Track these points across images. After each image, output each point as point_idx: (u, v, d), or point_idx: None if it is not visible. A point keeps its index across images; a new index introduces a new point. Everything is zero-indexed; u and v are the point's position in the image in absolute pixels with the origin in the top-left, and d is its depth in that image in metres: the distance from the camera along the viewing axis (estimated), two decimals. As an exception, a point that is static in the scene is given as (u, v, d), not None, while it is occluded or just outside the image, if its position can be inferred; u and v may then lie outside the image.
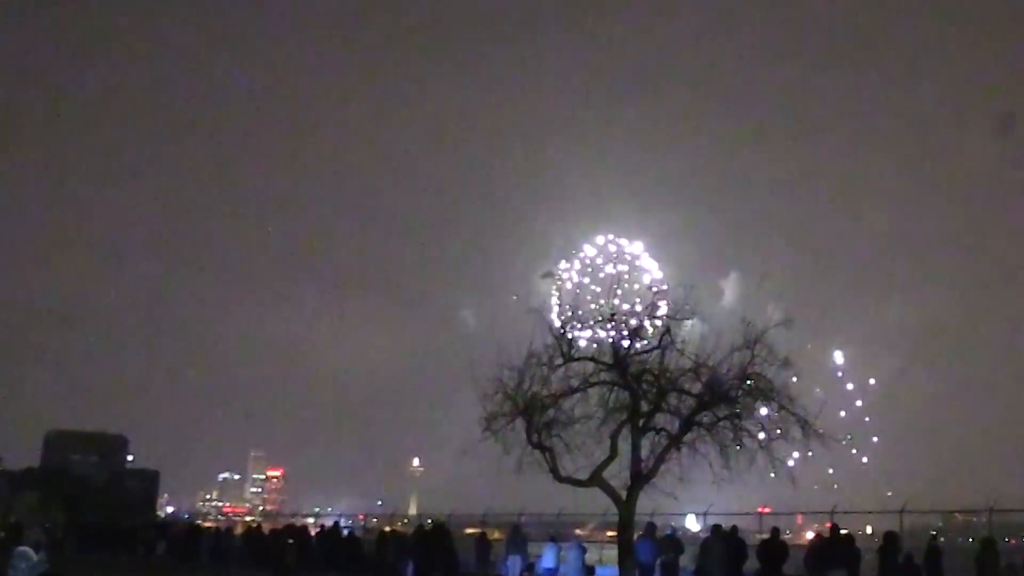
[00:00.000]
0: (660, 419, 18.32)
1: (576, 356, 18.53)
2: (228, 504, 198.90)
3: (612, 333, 18.45)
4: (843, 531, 21.10)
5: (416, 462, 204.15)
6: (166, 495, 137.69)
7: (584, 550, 25.56)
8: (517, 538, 27.43)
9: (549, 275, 18.97)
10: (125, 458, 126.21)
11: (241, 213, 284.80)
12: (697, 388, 18.18)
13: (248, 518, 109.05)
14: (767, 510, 28.50)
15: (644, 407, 18.31)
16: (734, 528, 23.01)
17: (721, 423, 17.84)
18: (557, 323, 18.52)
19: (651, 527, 23.07)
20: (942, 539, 22.74)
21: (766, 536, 21.56)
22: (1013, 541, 28.75)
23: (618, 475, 18.31)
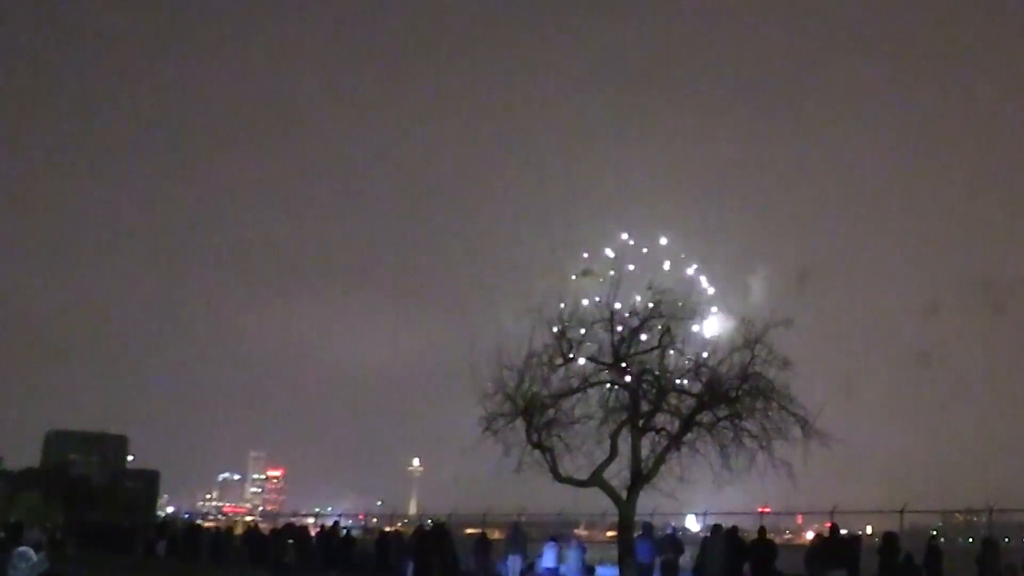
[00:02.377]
0: (660, 419, 18.31)
1: (576, 356, 18.51)
2: (228, 504, 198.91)
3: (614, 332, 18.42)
4: (843, 531, 21.11)
5: (416, 462, 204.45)
6: (166, 495, 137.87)
7: (584, 550, 25.56)
8: (517, 538, 27.42)
9: (588, 273, 18.77)
10: (125, 458, 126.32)
11: (243, 213, 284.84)
12: (697, 388, 18.17)
13: (248, 518, 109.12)
14: (767, 510, 28.48)
15: (644, 407, 18.30)
16: (734, 528, 23.01)
17: (721, 423, 17.84)
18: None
19: (648, 527, 23.06)
20: (942, 539, 22.74)
21: (755, 537, 21.56)
22: (1013, 541, 28.74)
23: (618, 475, 18.30)
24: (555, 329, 18.34)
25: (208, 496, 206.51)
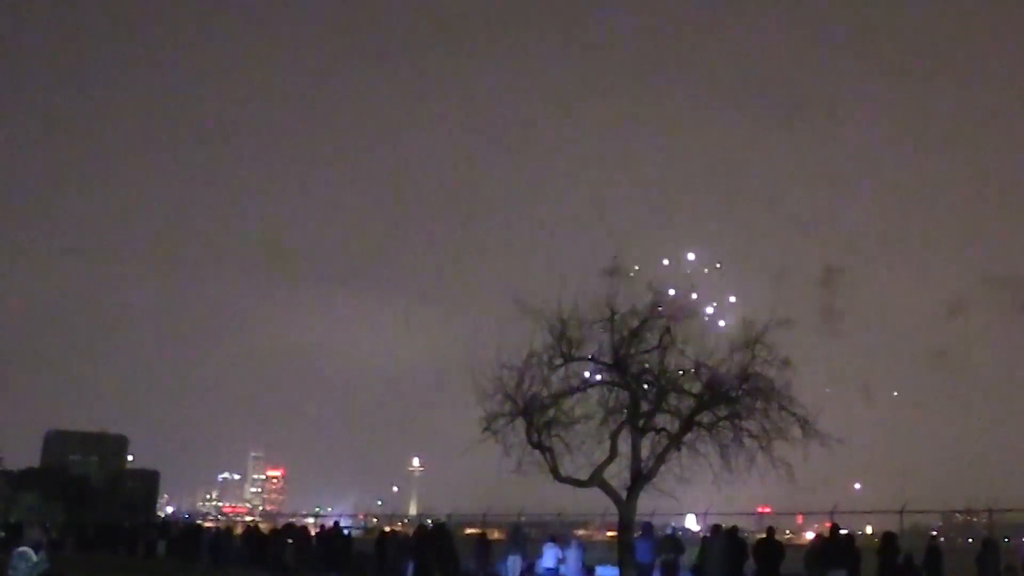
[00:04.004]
0: (660, 419, 18.32)
1: (576, 356, 18.51)
2: (228, 504, 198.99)
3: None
4: (843, 531, 21.10)
5: (416, 462, 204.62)
6: (166, 495, 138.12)
7: (584, 550, 25.55)
8: (517, 538, 27.41)
9: (616, 271, 18.74)
10: (125, 458, 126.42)
11: (244, 214, 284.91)
12: (697, 388, 18.18)
13: (248, 518, 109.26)
14: (767, 510, 28.50)
15: (644, 407, 18.31)
16: (734, 528, 23.01)
17: (721, 423, 17.85)
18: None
19: (648, 527, 23.04)
20: (942, 539, 22.74)
21: (763, 535, 21.56)
22: (1013, 541, 28.72)
23: (618, 475, 18.31)
24: (555, 329, 18.35)
25: (208, 496, 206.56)
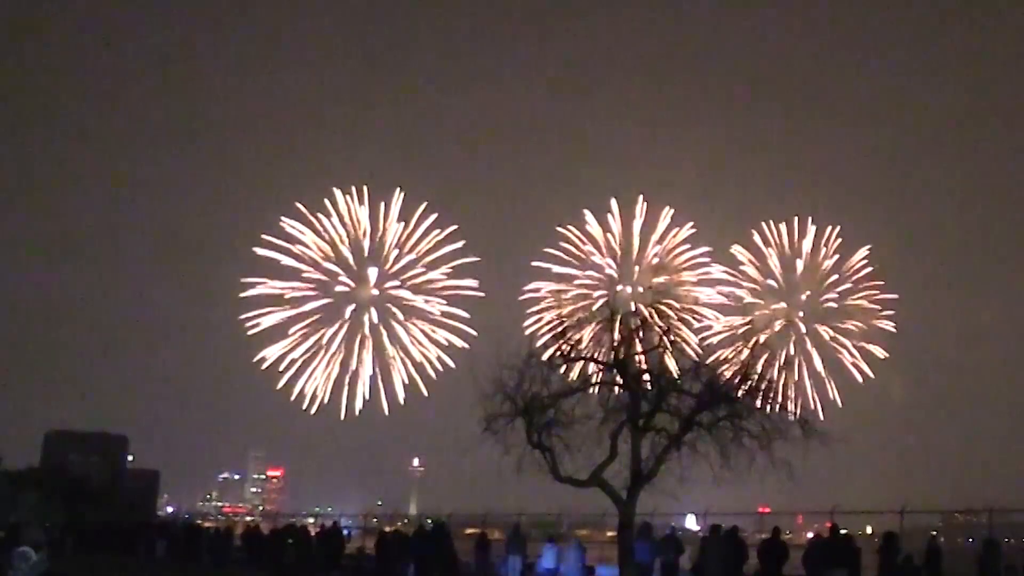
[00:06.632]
0: (660, 419, 18.35)
1: (576, 356, 18.55)
2: (228, 504, 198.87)
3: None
4: (843, 531, 21.07)
5: (416, 462, 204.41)
6: (166, 495, 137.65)
7: (584, 550, 25.55)
8: (517, 538, 27.40)
9: (663, 268, 18.89)
10: (125, 458, 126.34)
11: (241, 210, 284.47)
12: (697, 388, 18.21)
13: (248, 518, 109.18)
14: (767, 510, 28.47)
15: (644, 407, 18.33)
16: (734, 528, 22.98)
17: (721, 423, 17.88)
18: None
19: (646, 527, 23.02)
20: (942, 539, 22.70)
21: (767, 536, 21.52)
22: (1013, 541, 28.70)
23: (618, 475, 18.35)
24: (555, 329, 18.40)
25: (208, 496, 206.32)
